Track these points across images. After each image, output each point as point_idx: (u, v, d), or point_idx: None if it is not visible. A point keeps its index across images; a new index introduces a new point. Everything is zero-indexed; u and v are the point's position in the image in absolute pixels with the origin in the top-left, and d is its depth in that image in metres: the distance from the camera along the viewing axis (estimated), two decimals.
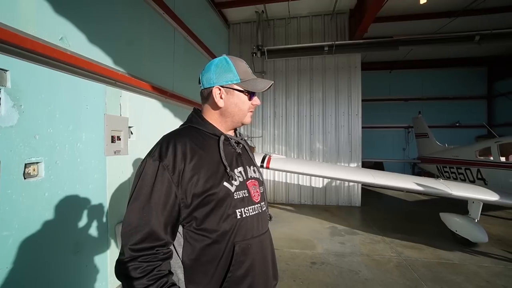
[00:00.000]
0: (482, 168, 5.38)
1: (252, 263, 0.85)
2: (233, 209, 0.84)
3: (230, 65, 0.90)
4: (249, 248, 0.85)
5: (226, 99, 0.91)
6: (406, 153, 10.74)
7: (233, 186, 0.86)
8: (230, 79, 0.89)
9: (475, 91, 10.39)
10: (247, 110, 0.95)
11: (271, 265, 0.96)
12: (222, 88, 0.90)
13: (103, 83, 2.46)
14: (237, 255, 0.82)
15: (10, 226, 1.60)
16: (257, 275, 0.87)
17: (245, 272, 0.84)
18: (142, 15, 3.18)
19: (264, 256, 0.92)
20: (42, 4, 1.89)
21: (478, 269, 3.14)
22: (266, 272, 0.92)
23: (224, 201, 0.83)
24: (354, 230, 4.56)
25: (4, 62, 1.60)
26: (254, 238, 0.88)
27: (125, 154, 2.72)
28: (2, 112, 1.57)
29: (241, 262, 0.83)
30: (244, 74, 0.91)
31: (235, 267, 0.82)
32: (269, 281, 0.94)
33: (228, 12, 6.42)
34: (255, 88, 0.92)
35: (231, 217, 0.83)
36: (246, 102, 0.93)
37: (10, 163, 1.61)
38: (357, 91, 6.43)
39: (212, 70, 0.91)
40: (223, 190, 0.83)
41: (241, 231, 0.85)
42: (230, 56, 0.94)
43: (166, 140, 0.85)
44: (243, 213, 0.86)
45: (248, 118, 0.97)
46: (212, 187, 0.81)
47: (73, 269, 2.10)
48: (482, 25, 5.83)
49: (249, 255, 0.85)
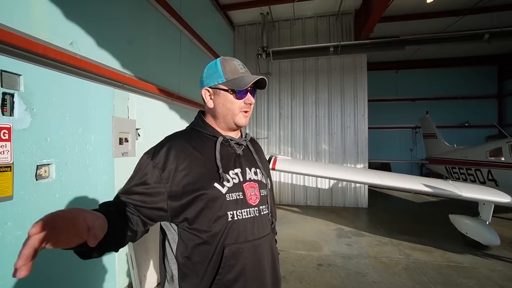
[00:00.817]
0: (493, 169, 5.26)
1: (243, 268, 0.83)
2: (224, 210, 0.83)
3: (218, 66, 0.91)
4: (240, 252, 0.83)
5: (214, 99, 0.93)
6: (414, 154, 10.58)
7: (224, 187, 0.85)
8: (216, 79, 0.91)
9: (484, 90, 10.18)
10: (237, 109, 0.92)
11: (269, 271, 0.91)
12: (210, 89, 0.93)
13: (111, 86, 2.51)
14: (226, 258, 0.81)
15: (23, 226, 1.64)
16: (249, 280, 0.84)
17: (236, 276, 0.82)
18: (149, 18, 3.23)
19: (259, 262, 0.88)
20: (54, 10, 1.94)
21: (490, 272, 3.07)
22: (261, 278, 0.88)
23: (215, 202, 0.82)
24: (361, 232, 4.51)
25: (17, 67, 1.65)
26: (247, 242, 0.85)
27: (132, 155, 2.76)
28: (15, 115, 1.62)
29: (231, 265, 0.82)
30: (231, 73, 0.90)
31: (224, 270, 0.81)
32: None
33: (233, 14, 6.46)
34: (239, 85, 0.89)
35: (222, 219, 0.83)
36: (233, 101, 0.91)
37: (23, 165, 1.66)
38: (363, 91, 6.38)
39: (204, 73, 0.95)
40: (213, 191, 0.83)
41: (232, 233, 0.83)
42: (224, 57, 0.95)
43: (165, 141, 0.89)
44: (235, 215, 0.84)
45: (241, 119, 0.93)
46: (202, 187, 0.82)
47: (82, 269, 2.13)
48: (491, 23, 5.72)
49: (240, 260, 0.83)
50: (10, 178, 1.57)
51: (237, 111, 0.92)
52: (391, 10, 5.55)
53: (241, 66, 0.93)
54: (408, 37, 5.65)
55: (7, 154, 1.55)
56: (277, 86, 6.77)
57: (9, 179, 1.57)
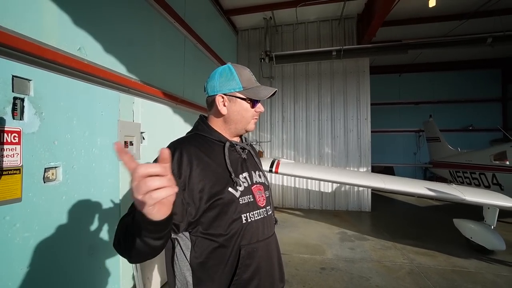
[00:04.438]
0: (497, 173, 5.22)
1: (258, 266, 0.87)
2: (238, 213, 0.86)
3: (233, 73, 0.92)
4: (255, 252, 0.87)
5: (229, 106, 0.93)
6: (417, 158, 10.50)
7: (238, 191, 0.87)
8: (233, 87, 0.91)
9: (488, 93, 10.12)
10: (251, 117, 0.96)
11: (277, 267, 0.97)
12: (225, 96, 0.92)
13: (117, 90, 2.56)
14: (243, 259, 0.84)
15: (30, 228, 1.68)
16: (263, 277, 0.88)
17: (251, 275, 0.85)
18: (154, 23, 3.29)
19: (270, 259, 0.93)
20: (63, 17, 1.99)
21: (496, 278, 3.03)
22: (272, 274, 0.93)
23: (230, 206, 0.85)
24: (364, 236, 4.48)
25: (28, 72, 1.70)
26: (259, 242, 0.90)
27: (137, 159, 2.80)
28: (25, 119, 1.66)
29: (247, 265, 0.85)
30: (247, 82, 0.92)
31: (241, 270, 0.83)
32: (276, 283, 0.95)
33: (237, 19, 6.53)
34: (258, 96, 0.93)
35: (237, 222, 0.85)
36: (249, 109, 0.94)
37: (32, 168, 1.69)
38: (366, 95, 6.39)
39: (216, 78, 0.94)
40: (228, 196, 0.85)
41: (246, 235, 0.87)
42: (234, 64, 0.96)
43: (173, 147, 0.86)
44: (248, 217, 0.88)
45: (252, 125, 0.98)
46: (218, 193, 0.83)
47: (87, 271, 2.16)
48: (494, 26, 5.71)
49: (255, 258, 0.87)
50: (19, 180, 1.61)
51: (250, 119, 0.96)
52: (393, 14, 5.59)
53: (253, 75, 0.97)
54: (411, 41, 5.65)
55: (17, 157, 1.59)
56: (280, 90, 6.81)
57: (18, 182, 1.60)
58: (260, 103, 0.97)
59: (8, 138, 1.54)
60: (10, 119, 1.58)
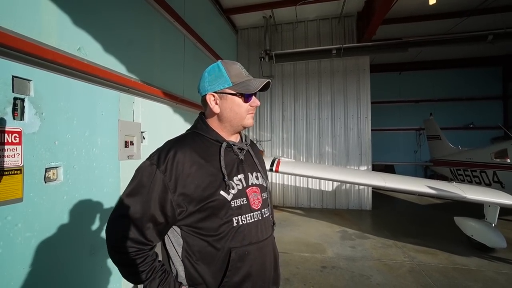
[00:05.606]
0: (498, 170, 5.21)
1: (249, 270, 0.86)
2: (230, 217, 0.85)
3: (222, 70, 0.90)
4: (247, 255, 0.86)
5: (221, 104, 0.92)
6: (418, 156, 10.50)
7: (230, 194, 0.86)
8: (222, 84, 0.89)
9: (489, 91, 10.10)
10: (245, 112, 0.93)
11: (271, 271, 0.95)
12: (215, 94, 0.91)
13: (117, 90, 2.56)
14: (233, 261, 0.83)
15: (32, 228, 1.68)
16: (255, 281, 0.87)
17: (242, 278, 0.84)
18: (154, 23, 3.28)
19: (263, 263, 0.91)
20: (63, 17, 1.99)
21: (497, 275, 3.04)
22: (264, 278, 0.91)
23: (221, 210, 0.84)
24: (365, 234, 4.49)
25: (28, 72, 1.69)
26: (252, 245, 0.88)
27: (138, 158, 2.80)
28: (26, 120, 1.66)
29: (238, 268, 0.84)
30: (236, 77, 0.90)
31: (231, 273, 0.83)
32: (268, 287, 0.94)
33: (236, 18, 6.52)
34: (248, 89, 0.90)
35: (228, 224, 0.85)
36: (241, 104, 0.92)
37: (33, 168, 1.70)
38: (366, 93, 6.39)
39: (205, 78, 0.93)
40: (220, 199, 0.84)
41: (238, 237, 0.85)
42: (224, 60, 0.95)
43: (168, 146, 0.87)
44: (240, 220, 0.87)
45: (248, 120, 0.95)
46: (209, 196, 0.83)
47: (89, 271, 2.16)
48: (495, 23, 5.69)
49: (247, 262, 0.86)
50: (20, 180, 1.61)
51: (244, 114, 0.94)
52: (393, 12, 5.57)
53: (243, 69, 0.94)
54: (411, 39, 5.63)
55: (18, 157, 1.59)
56: (280, 89, 6.80)
57: (19, 182, 1.61)
58: (254, 97, 0.94)
59: (9, 138, 1.54)
60: (11, 119, 1.58)
